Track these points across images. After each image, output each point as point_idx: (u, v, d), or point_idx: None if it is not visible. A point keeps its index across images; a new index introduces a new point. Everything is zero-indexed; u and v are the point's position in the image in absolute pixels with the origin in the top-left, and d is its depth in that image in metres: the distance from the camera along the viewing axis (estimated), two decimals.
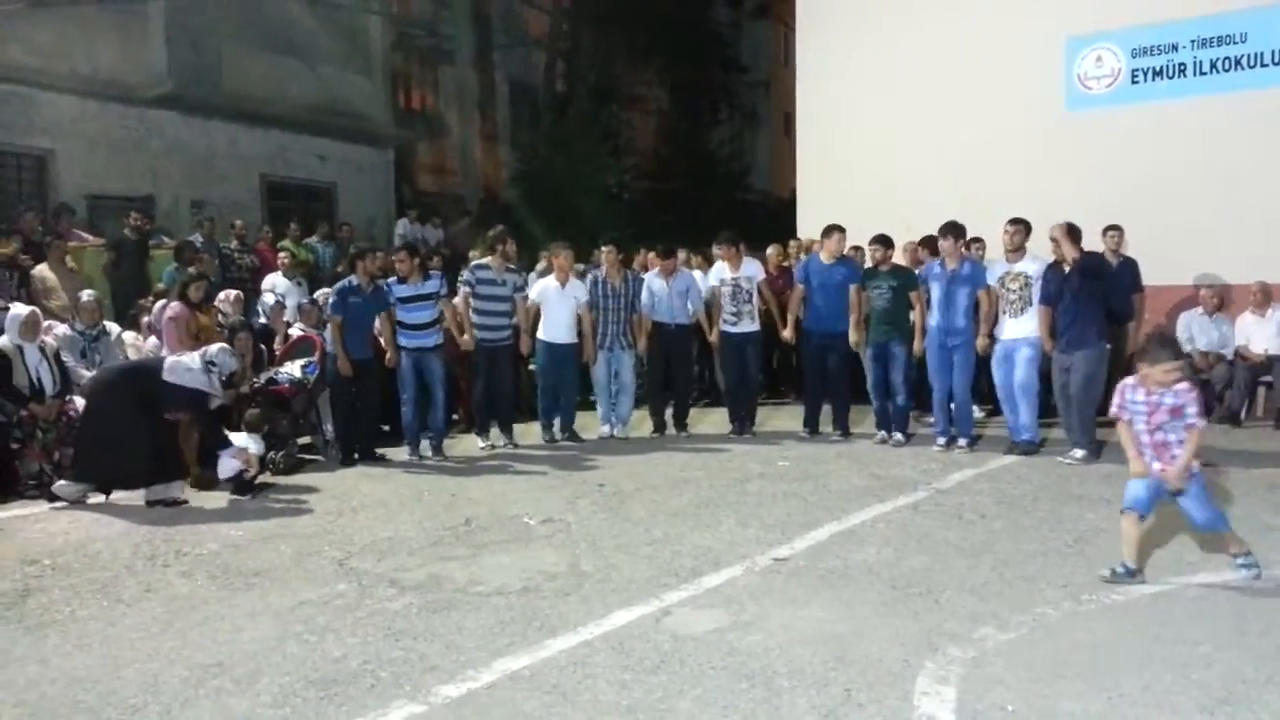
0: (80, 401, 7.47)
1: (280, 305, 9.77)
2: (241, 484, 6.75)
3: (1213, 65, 10.21)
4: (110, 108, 14.81)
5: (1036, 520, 5.64)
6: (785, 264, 10.72)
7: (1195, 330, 9.46)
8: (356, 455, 7.94)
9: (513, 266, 8.83)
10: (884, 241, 8.48)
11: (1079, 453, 7.32)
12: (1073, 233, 7.43)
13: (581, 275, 9.24)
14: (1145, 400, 4.54)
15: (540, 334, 8.72)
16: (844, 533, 5.47)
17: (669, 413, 9.11)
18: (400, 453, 8.20)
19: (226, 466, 6.60)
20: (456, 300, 8.57)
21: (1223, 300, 9.54)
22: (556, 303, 8.69)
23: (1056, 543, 5.16)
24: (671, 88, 26.30)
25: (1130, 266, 9.73)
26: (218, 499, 6.69)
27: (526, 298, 8.74)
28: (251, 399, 8.03)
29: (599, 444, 8.67)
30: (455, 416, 9.48)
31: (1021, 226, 7.83)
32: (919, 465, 7.35)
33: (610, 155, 22.82)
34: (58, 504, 6.49)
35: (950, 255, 7.98)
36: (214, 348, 6.91)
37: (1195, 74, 10.30)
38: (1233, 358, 9.22)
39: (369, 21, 19.08)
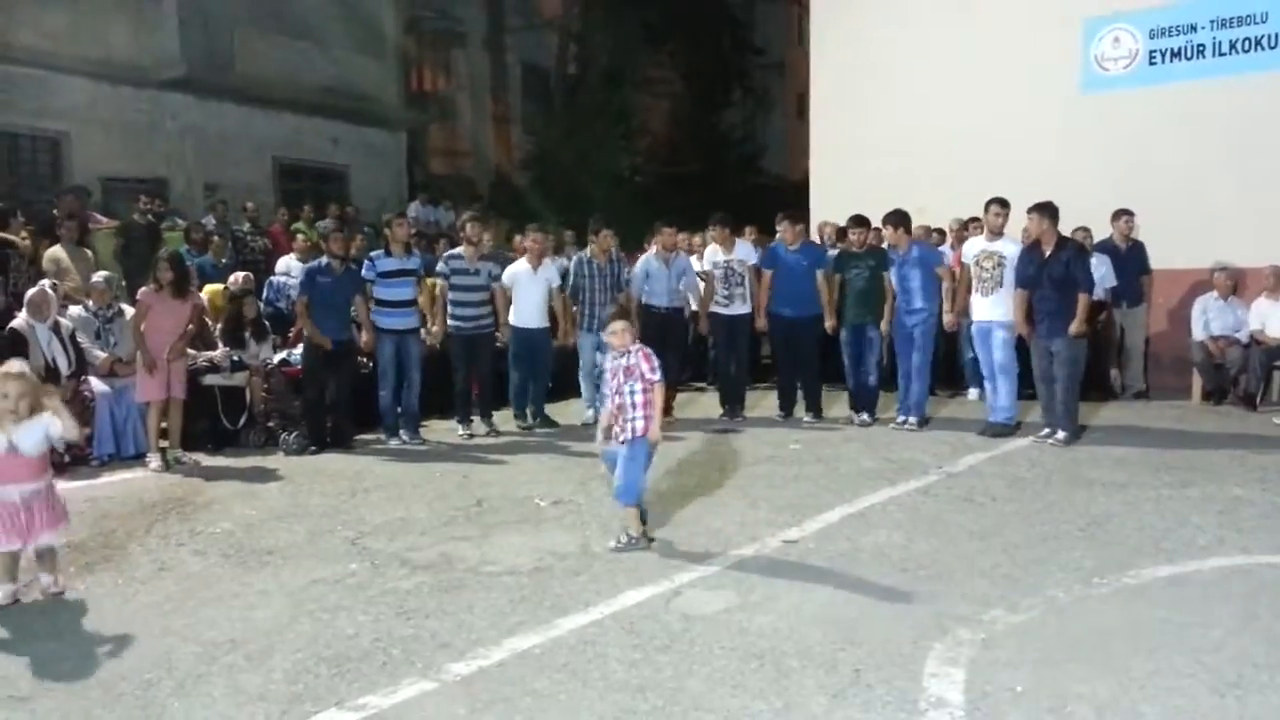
0: (95, 382, 7.54)
1: None
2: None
3: (1232, 46, 10.06)
4: (124, 91, 14.87)
5: (1047, 503, 5.62)
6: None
7: (1210, 314, 9.38)
8: (329, 440, 7.72)
9: (486, 255, 8.66)
10: (862, 223, 8.42)
11: (1061, 434, 7.31)
12: (1051, 214, 7.31)
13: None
14: (611, 365, 4.86)
15: (511, 319, 8.59)
16: (854, 515, 5.47)
17: None
18: (371, 440, 8.11)
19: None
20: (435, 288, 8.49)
21: (1237, 284, 9.46)
22: (528, 286, 8.57)
23: (1067, 526, 5.14)
24: (684, 70, 26.12)
25: (1138, 249, 9.68)
26: (230, 478, 6.73)
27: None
28: (265, 379, 8.08)
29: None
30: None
31: (1007, 209, 7.82)
32: (930, 448, 7.33)
33: (622, 138, 22.75)
34: (74, 483, 6.53)
35: (895, 241, 8.04)
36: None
37: (1214, 55, 10.15)
38: (1248, 341, 9.15)
39: (381, 4, 19.05)
